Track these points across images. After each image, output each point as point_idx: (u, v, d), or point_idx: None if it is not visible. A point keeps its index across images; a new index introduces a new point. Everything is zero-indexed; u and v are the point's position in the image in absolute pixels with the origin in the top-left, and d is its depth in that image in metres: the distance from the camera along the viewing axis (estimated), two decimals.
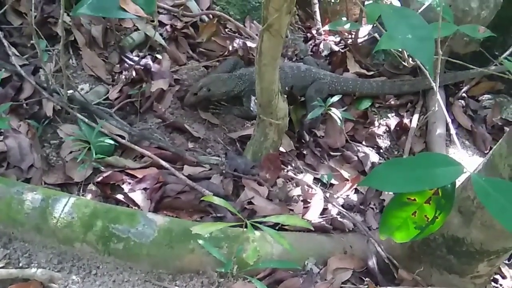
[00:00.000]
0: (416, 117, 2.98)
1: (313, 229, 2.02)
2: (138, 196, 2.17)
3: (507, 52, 3.02)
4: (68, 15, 2.71)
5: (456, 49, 3.08)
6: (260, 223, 1.64)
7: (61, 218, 1.89)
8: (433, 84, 1.55)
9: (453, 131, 1.74)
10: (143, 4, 2.06)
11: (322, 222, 2.23)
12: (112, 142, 2.22)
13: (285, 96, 2.30)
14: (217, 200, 1.64)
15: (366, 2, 3.18)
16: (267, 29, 1.85)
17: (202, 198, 1.81)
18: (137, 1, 2.06)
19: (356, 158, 2.71)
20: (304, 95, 2.92)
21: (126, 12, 2.08)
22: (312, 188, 2.38)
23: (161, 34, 3.04)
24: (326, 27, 3.29)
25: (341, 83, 3.04)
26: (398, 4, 2.24)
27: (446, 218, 1.28)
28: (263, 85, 2.09)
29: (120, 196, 2.16)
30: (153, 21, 2.12)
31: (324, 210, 2.34)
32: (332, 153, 2.75)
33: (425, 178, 1.19)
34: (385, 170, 1.22)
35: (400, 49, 1.93)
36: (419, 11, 2.53)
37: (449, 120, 1.82)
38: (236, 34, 3.35)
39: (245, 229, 1.66)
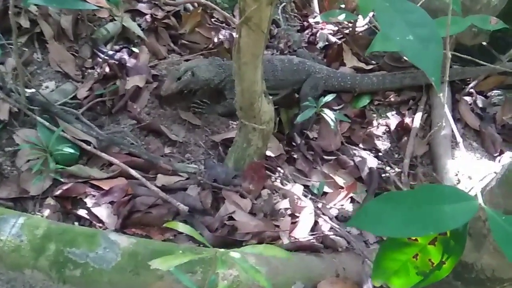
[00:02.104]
0: (418, 115, 2.70)
1: (293, 259, 1.77)
2: (103, 211, 1.92)
3: None
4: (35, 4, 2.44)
5: (463, 41, 2.80)
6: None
7: (8, 241, 1.63)
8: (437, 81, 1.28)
9: (456, 132, 1.48)
10: None
11: (312, 240, 1.98)
12: (72, 150, 1.96)
13: (270, 97, 2.03)
14: (182, 228, 1.38)
15: None
16: (246, 23, 1.59)
17: (164, 225, 1.55)
18: None
19: (352, 162, 2.45)
20: (298, 91, 2.66)
21: (86, 2, 1.82)
22: (301, 200, 2.11)
23: (139, 25, 2.77)
24: (318, 18, 3.01)
25: (338, 78, 2.77)
26: None
27: (456, 264, 1.03)
28: (243, 85, 1.82)
29: (82, 212, 1.91)
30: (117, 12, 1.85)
31: (315, 225, 2.08)
32: (326, 157, 2.48)
33: (430, 218, 0.93)
34: (379, 207, 0.96)
35: None
36: (421, 2, 2.27)
37: (451, 120, 1.55)
38: (224, 25, 3.08)
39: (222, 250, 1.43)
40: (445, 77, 1.07)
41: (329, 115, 2.24)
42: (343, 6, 3.73)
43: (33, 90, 2.17)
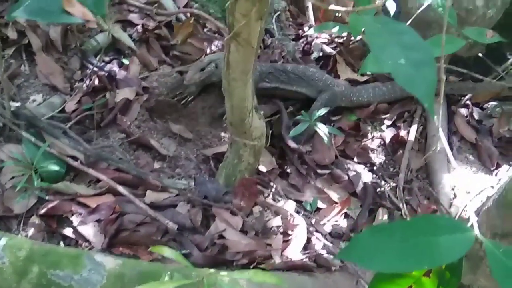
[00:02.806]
0: (414, 128, 2.65)
1: (284, 282, 1.71)
2: (89, 230, 1.86)
3: (510, 61, 2.74)
4: None
5: (459, 52, 2.73)
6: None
7: None
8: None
9: (447, 146, 1.43)
10: (92, 6, 1.74)
11: (304, 259, 1.93)
12: (57, 167, 1.91)
13: (262, 112, 1.98)
14: (167, 252, 1.33)
15: None
16: (234, 38, 1.54)
17: (149, 249, 1.51)
18: (85, 2, 1.74)
19: (346, 177, 2.39)
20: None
21: (71, 16, 1.77)
22: (293, 217, 2.06)
23: (130, 36, 2.72)
24: (311, 31, 2.96)
25: (356, 93, 2.71)
26: (393, 4, 1.92)
27: None
28: (233, 102, 1.77)
29: (67, 231, 1.85)
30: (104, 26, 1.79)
31: (308, 243, 2.03)
32: (319, 171, 2.42)
33: (424, 251, 0.88)
34: (370, 239, 0.91)
35: None
36: (419, 11, 2.23)
37: (445, 143, 1.50)
38: (216, 35, 3.03)
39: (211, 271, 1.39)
40: (440, 100, 1.02)
41: (322, 130, 2.19)
42: (338, 15, 3.69)
43: (19, 104, 2.12)
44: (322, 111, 2.27)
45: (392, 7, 1.99)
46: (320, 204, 2.27)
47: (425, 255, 0.88)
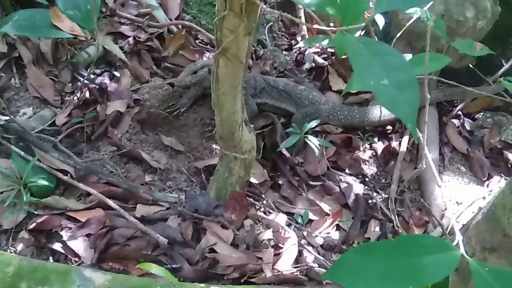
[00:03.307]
0: (405, 139, 2.65)
1: None
2: (79, 244, 1.86)
3: (500, 72, 2.74)
4: None
5: (449, 63, 2.76)
6: None
7: None
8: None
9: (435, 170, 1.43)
10: (80, 20, 1.75)
11: (295, 273, 1.92)
12: (47, 182, 1.90)
13: (251, 126, 1.98)
14: (155, 270, 1.33)
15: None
16: (223, 53, 1.54)
17: (137, 266, 1.50)
18: (74, 17, 1.75)
19: (338, 189, 2.39)
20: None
21: (60, 31, 1.77)
22: (285, 230, 2.06)
23: (121, 48, 2.72)
24: (301, 44, 2.96)
25: (344, 112, 2.67)
26: (382, 19, 1.92)
27: None
28: (223, 115, 1.77)
29: (57, 246, 1.85)
30: (94, 40, 1.79)
31: (299, 256, 2.02)
32: (311, 183, 2.42)
33: (409, 271, 0.87)
34: (355, 259, 0.90)
35: None
36: (409, 23, 2.23)
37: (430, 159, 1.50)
38: (208, 46, 3.04)
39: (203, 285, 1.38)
40: (425, 119, 1.02)
41: (313, 142, 2.19)
42: (332, 24, 3.70)
43: (8, 117, 2.11)
44: (313, 124, 2.27)
45: (380, 21, 1.99)
46: (312, 216, 2.26)
47: (409, 275, 0.88)
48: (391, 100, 0.84)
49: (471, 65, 2.75)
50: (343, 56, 3.07)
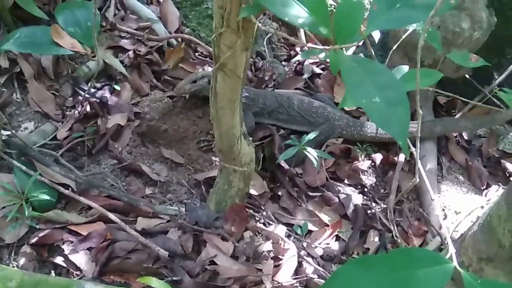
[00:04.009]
0: None
1: None
2: (80, 258, 1.87)
3: (497, 82, 2.77)
4: None
5: (446, 73, 2.79)
6: None
7: None
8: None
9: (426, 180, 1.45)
10: (81, 37, 1.78)
11: (295, 284, 1.94)
12: (48, 197, 1.92)
13: (250, 139, 2.01)
14: (155, 283, 1.35)
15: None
16: (221, 69, 1.57)
17: (138, 280, 1.52)
18: (75, 34, 1.77)
19: (337, 199, 2.41)
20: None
21: (60, 47, 1.80)
22: (284, 241, 2.08)
23: (122, 61, 2.75)
24: (299, 57, 3.00)
25: (358, 127, 2.71)
26: (377, 32, 1.95)
27: None
28: (221, 129, 1.79)
29: (59, 259, 1.86)
30: (94, 56, 1.82)
31: (299, 267, 2.04)
32: (310, 194, 2.44)
33: (404, 284, 0.90)
34: (351, 272, 0.93)
35: None
36: (406, 34, 2.26)
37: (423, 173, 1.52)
38: (208, 59, 3.07)
39: None
40: (417, 134, 1.05)
41: (312, 154, 2.21)
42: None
43: (9, 132, 2.14)
44: (312, 136, 2.29)
45: (376, 35, 2.02)
46: (311, 227, 2.28)
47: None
48: (382, 118, 0.86)
49: (467, 76, 2.78)
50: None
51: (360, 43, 2.74)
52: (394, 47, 2.13)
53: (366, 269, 0.93)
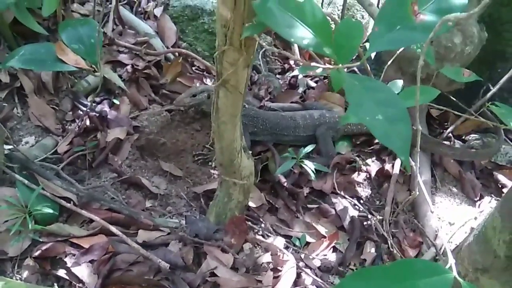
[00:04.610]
0: (398, 161, 2.72)
1: None
2: (83, 270, 1.90)
3: (488, 95, 2.82)
4: None
5: (439, 87, 2.83)
6: None
7: None
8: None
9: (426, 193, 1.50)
10: (85, 53, 1.82)
11: None
12: (51, 210, 1.95)
13: (250, 152, 2.05)
14: None
15: None
16: (223, 85, 1.61)
17: None
18: (78, 50, 1.81)
19: (333, 211, 2.45)
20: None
21: (64, 64, 1.84)
22: (283, 253, 2.11)
23: (120, 76, 2.79)
24: (296, 72, 3.06)
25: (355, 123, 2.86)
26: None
27: None
28: (223, 143, 1.83)
29: (61, 272, 1.88)
30: (95, 71, 1.86)
31: (298, 278, 2.07)
32: (308, 206, 2.49)
33: None
34: (354, 283, 0.97)
35: None
36: (400, 50, 2.32)
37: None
38: (205, 73, 3.11)
39: None
40: (417, 149, 1.09)
41: (309, 166, 2.26)
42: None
43: (11, 146, 2.16)
44: (309, 148, 2.33)
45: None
46: (309, 239, 2.32)
47: None
48: (385, 134, 0.90)
49: (460, 88, 2.84)
50: None
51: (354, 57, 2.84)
52: (389, 62, 2.20)
53: (367, 281, 0.97)
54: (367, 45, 2.08)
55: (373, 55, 2.13)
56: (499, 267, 1.49)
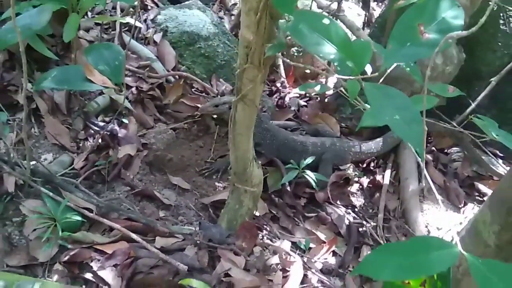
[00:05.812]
0: (388, 173, 2.95)
1: None
2: (108, 274, 2.04)
3: (468, 110, 3.07)
4: (29, 82, 2.61)
5: None
6: None
7: None
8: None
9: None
10: (110, 74, 2.00)
11: None
12: (79, 218, 2.10)
13: (259, 162, 2.24)
14: (195, 284, 1.55)
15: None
16: (242, 99, 1.81)
17: (180, 282, 1.71)
18: (104, 71, 2.00)
19: (330, 219, 2.66)
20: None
21: (93, 83, 2.02)
22: (290, 255, 2.30)
23: (126, 97, 2.96)
24: (297, 90, 3.29)
25: (363, 149, 3.06)
26: (370, 67, 2.23)
27: None
28: (238, 153, 2.03)
29: (88, 275, 2.03)
30: (121, 90, 2.04)
31: (305, 278, 2.26)
32: (307, 214, 2.69)
33: (420, 264, 1.13)
34: (377, 257, 1.16)
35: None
36: (389, 70, 2.54)
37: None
38: (203, 94, 3.31)
39: None
40: (423, 157, 1.30)
41: (311, 176, 2.46)
42: (308, 71, 4.04)
43: (34, 162, 2.31)
44: (309, 160, 2.54)
45: (369, 69, 2.30)
46: (310, 244, 2.51)
47: (421, 267, 1.13)
48: (403, 132, 1.11)
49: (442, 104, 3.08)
50: (327, 100, 3.42)
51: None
52: (381, 80, 2.42)
53: (390, 255, 1.16)
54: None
55: (369, 72, 2.35)
56: (490, 255, 1.69)
